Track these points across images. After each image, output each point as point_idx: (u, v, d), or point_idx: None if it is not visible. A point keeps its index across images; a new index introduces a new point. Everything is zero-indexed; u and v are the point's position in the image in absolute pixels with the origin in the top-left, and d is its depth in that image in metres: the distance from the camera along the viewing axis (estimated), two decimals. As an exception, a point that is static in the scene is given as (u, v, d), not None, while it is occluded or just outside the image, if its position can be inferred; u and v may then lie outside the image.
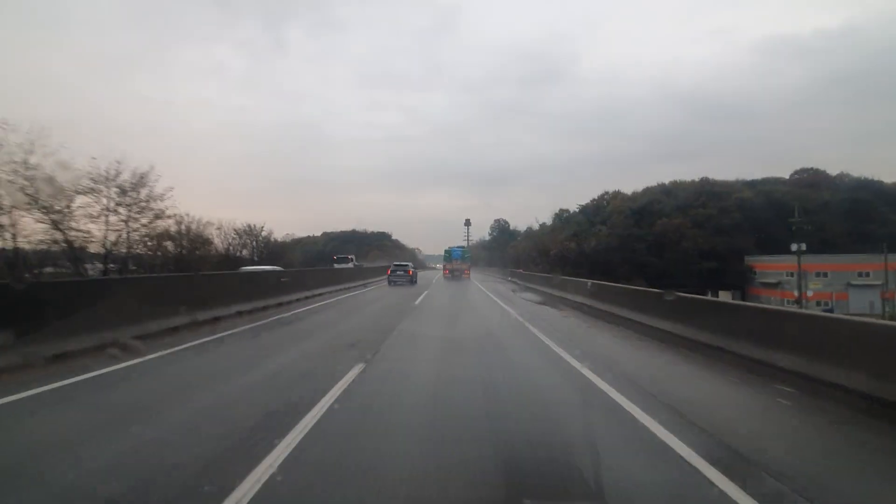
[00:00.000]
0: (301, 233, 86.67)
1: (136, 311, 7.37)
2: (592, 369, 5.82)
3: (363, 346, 7.20)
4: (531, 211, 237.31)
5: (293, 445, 3.23)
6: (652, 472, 3.07)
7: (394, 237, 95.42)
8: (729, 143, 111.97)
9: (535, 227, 72.41)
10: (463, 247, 45.30)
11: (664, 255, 46.92)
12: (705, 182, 58.41)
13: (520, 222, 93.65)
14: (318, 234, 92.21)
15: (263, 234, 30.69)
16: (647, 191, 59.47)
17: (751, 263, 48.82)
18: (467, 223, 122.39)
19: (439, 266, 50.02)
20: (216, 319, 9.34)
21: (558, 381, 5.66)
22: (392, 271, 27.44)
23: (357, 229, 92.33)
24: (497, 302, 17.04)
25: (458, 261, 37.35)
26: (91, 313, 6.49)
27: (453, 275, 36.00)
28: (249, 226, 30.42)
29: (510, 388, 5.20)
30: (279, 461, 2.95)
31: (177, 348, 6.90)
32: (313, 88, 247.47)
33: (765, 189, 56.34)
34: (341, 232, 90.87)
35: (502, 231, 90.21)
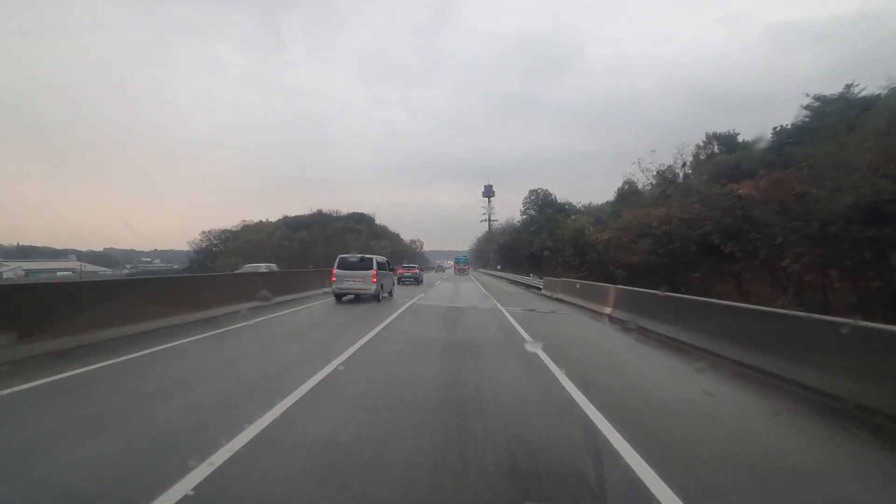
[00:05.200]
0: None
1: None
2: None
3: None
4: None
5: None
6: None
7: (378, 222, 74.78)
8: (741, 134, 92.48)
9: (640, 182, 34.48)
10: (466, 256, 72.95)
11: None
12: None
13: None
14: (277, 218, 71.17)
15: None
16: None
17: None
18: (487, 192, 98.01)
19: (450, 262, 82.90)
20: None
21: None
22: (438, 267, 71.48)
23: (324, 211, 71.02)
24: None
25: (463, 264, 63.25)
26: None
27: (460, 272, 57.71)
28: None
29: None
30: None
31: None
32: (315, 84, 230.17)
33: None
34: (303, 216, 69.62)
35: (546, 206, 55.38)
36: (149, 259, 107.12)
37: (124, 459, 3.02)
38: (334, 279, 14.52)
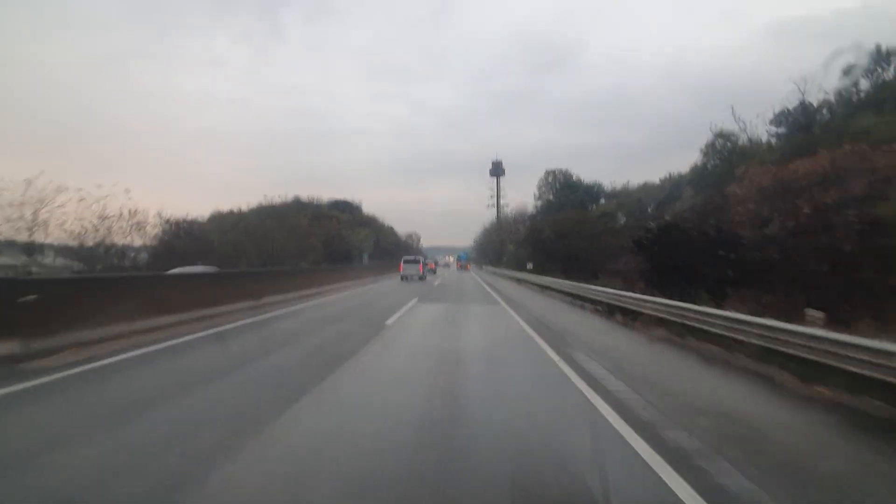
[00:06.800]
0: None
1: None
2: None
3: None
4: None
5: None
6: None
7: (367, 212, 65.29)
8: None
9: (740, 138, 24.87)
10: (466, 253, 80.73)
11: None
12: None
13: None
14: (251, 207, 62.18)
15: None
16: None
17: None
18: (496, 171, 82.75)
19: (450, 258, 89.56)
20: None
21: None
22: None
23: (302, 198, 61.36)
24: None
25: (464, 261, 71.16)
26: None
27: (462, 268, 64.54)
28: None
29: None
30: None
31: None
32: (315, 81, 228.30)
33: None
34: (278, 205, 60.01)
35: (569, 188, 46.88)
36: (133, 254, 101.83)
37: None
38: (401, 269, 29.72)
